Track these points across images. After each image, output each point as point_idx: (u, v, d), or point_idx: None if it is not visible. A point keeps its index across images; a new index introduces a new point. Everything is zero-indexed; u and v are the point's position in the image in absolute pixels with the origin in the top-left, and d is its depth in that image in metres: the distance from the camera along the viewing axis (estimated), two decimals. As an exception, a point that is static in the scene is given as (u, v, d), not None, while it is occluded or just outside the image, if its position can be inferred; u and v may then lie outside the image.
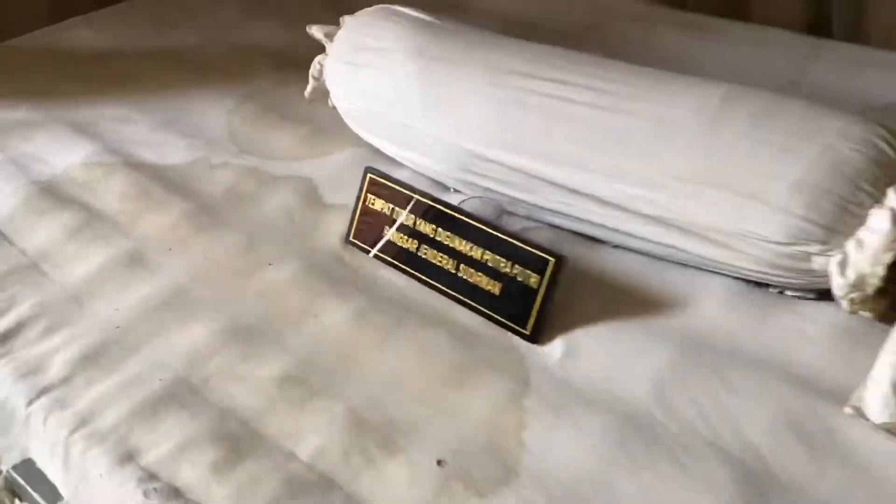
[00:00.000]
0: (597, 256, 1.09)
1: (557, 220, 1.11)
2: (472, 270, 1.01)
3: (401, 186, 1.08)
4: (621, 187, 1.00)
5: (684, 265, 1.05)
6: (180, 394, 0.94)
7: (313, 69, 1.33)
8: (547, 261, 0.95)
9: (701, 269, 1.04)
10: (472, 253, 1.01)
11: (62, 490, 0.91)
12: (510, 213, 1.15)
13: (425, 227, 1.05)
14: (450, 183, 1.20)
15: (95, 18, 1.76)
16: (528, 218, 1.14)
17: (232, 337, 1.01)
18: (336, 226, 1.17)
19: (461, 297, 1.02)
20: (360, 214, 1.12)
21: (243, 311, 1.05)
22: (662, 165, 0.99)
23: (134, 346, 1.01)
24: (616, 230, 1.05)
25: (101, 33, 1.72)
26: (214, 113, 1.46)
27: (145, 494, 0.84)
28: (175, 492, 0.84)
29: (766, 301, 1.00)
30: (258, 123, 1.42)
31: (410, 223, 1.07)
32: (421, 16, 1.25)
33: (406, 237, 1.07)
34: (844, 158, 0.92)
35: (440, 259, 1.04)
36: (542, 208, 1.09)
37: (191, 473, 0.85)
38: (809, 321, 0.97)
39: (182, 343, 1.01)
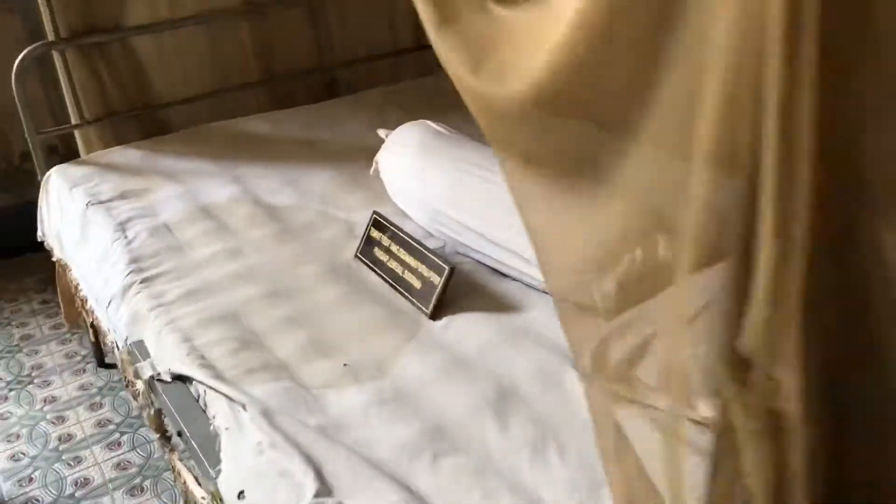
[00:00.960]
0: (490, 278, 1.66)
1: (477, 256, 1.69)
2: (410, 274, 1.62)
3: (387, 223, 1.73)
4: (507, 236, 1.58)
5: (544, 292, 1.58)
6: (228, 318, 1.62)
7: (377, 156, 2.04)
8: (444, 268, 1.54)
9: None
10: (411, 263, 1.62)
11: (154, 359, 1.61)
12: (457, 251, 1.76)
13: (393, 247, 1.68)
14: (430, 230, 1.83)
15: (272, 116, 2.61)
16: (463, 254, 1.74)
17: (269, 295, 1.68)
18: (354, 248, 1.83)
19: (400, 289, 1.63)
20: (365, 240, 1.77)
21: (282, 284, 1.73)
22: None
23: (216, 292, 1.71)
24: (502, 263, 1.62)
25: (273, 125, 2.56)
26: (319, 179, 2.20)
27: (188, 353, 1.51)
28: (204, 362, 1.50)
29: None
30: (341, 187, 2.14)
31: (386, 244, 1.70)
32: (437, 127, 1.92)
33: (383, 252, 1.70)
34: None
35: (395, 266, 1.66)
36: (467, 247, 1.69)
37: (218, 353, 1.51)
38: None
39: (241, 294, 1.70)
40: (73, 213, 2.13)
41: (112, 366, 2.41)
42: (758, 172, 0.47)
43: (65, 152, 2.71)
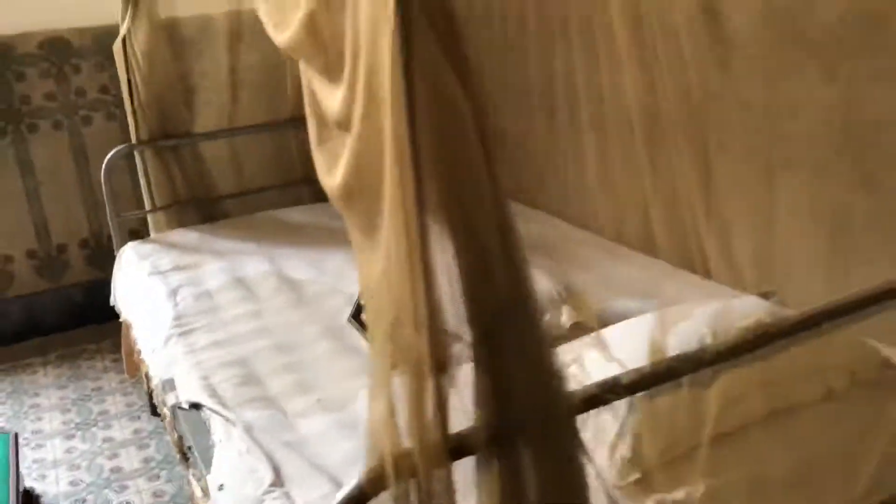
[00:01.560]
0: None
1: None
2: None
3: (373, 292, 2.13)
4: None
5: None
6: (239, 363, 2.03)
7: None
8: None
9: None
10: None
11: (178, 391, 2.02)
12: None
13: (374, 311, 2.07)
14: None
15: (309, 208, 3.09)
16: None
17: (275, 347, 2.09)
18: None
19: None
20: (356, 307, 2.17)
21: (287, 339, 2.13)
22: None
23: (235, 343, 2.13)
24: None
25: (309, 215, 3.03)
26: (336, 259, 2.63)
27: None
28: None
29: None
30: (351, 265, 2.55)
31: (370, 309, 2.09)
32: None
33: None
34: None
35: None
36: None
37: (225, 387, 1.91)
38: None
39: (254, 345, 2.11)
40: (137, 280, 2.62)
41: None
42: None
43: (143, 233, 3.26)
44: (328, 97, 1.00)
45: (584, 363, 1.43)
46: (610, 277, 2.19)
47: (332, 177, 0.98)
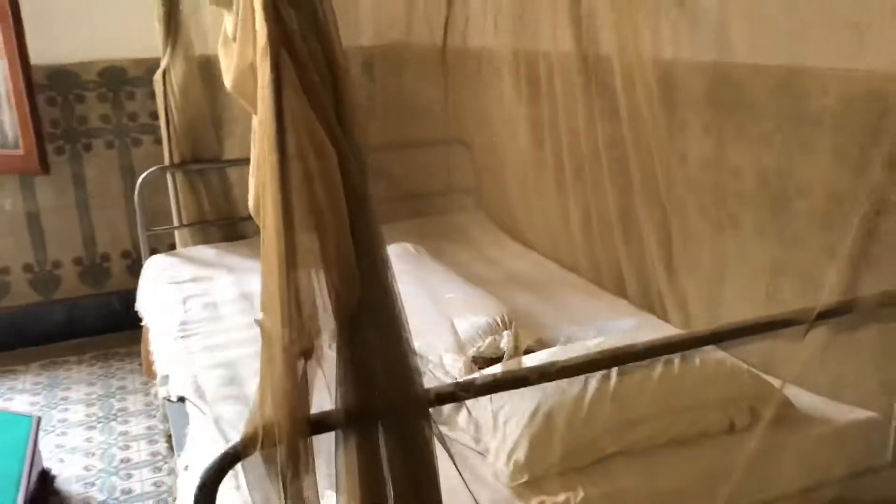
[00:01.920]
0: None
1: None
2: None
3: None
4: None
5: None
6: (227, 365, 2.26)
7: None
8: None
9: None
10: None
11: (170, 386, 2.26)
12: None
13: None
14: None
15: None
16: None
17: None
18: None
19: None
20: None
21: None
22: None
23: (226, 348, 2.36)
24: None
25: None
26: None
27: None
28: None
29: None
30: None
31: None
32: (412, 249, 2.54)
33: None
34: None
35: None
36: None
37: (209, 386, 2.14)
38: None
39: (244, 351, 2.34)
40: (157, 288, 2.90)
41: (173, 413, 3.10)
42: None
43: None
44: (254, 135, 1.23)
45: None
46: (571, 310, 2.36)
47: (252, 201, 1.21)
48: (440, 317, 2.02)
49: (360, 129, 1.09)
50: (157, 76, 3.12)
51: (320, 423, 1.09)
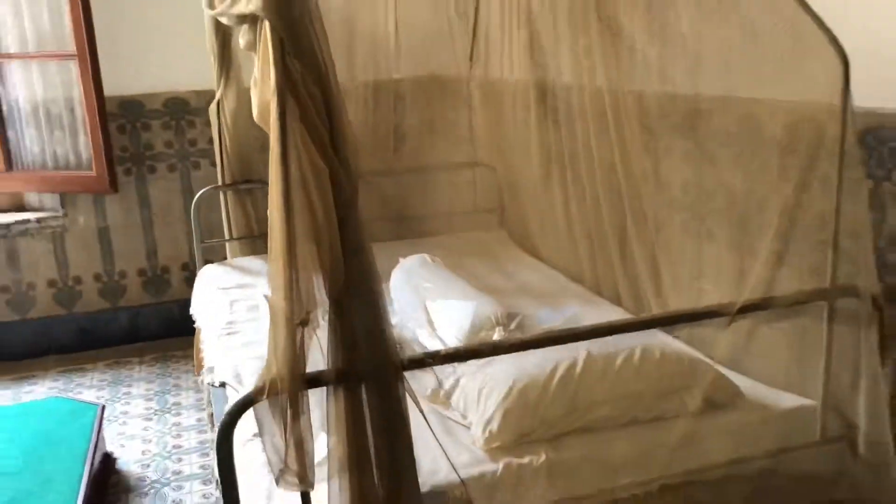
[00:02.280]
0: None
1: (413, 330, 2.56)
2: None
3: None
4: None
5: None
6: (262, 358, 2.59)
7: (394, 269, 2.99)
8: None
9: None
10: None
11: (214, 374, 2.60)
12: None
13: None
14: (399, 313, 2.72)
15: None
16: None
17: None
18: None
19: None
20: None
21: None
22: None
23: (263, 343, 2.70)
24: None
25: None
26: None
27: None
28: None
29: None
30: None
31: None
32: (428, 259, 2.85)
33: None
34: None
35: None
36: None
37: (245, 373, 2.48)
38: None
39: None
40: (208, 294, 3.27)
41: (220, 407, 3.46)
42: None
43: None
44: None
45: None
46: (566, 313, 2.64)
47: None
48: (421, 303, 2.35)
49: (353, 154, 1.41)
50: (213, 106, 3.52)
51: (315, 380, 1.40)
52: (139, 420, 3.47)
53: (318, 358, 1.43)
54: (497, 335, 2.21)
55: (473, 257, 3.37)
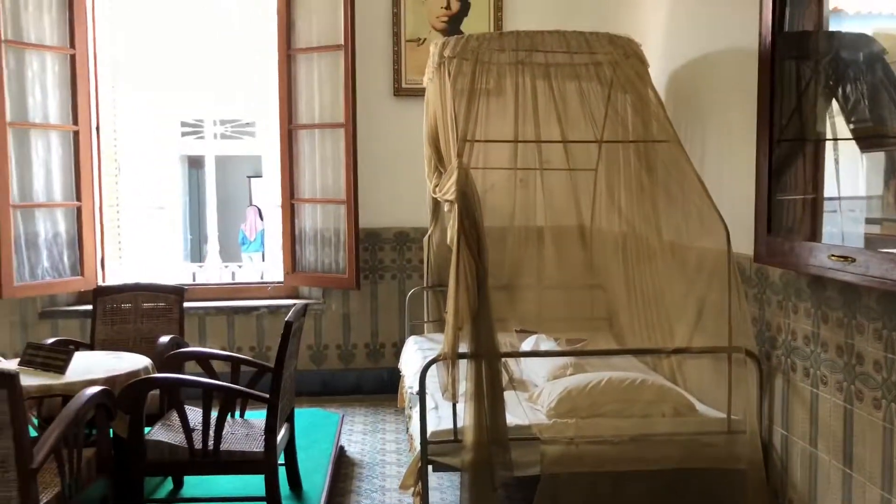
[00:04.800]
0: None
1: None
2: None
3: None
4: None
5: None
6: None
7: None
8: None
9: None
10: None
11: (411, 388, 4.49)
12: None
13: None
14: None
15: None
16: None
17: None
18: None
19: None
20: (500, 369, 4.52)
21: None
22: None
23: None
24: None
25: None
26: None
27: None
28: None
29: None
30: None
31: (503, 369, 4.44)
32: (543, 336, 4.62)
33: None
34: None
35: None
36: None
37: (432, 388, 4.34)
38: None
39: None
40: (409, 352, 5.21)
41: (410, 430, 5.32)
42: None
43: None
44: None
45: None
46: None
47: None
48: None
49: (487, 261, 3.30)
50: (426, 238, 5.60)
51: (463, 354, 3.24)
52: (360, 435, 5.40)
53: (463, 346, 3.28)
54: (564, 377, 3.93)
55: (577, 343, 5.08)
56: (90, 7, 6.07)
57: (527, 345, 4.44)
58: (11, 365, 3.68)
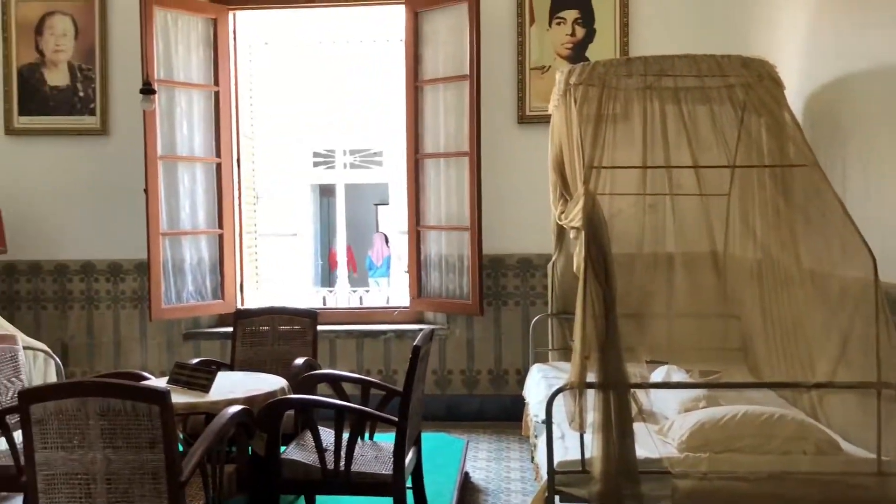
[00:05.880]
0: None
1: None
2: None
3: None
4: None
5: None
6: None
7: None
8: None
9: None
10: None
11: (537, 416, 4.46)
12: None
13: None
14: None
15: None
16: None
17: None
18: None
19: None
20: (627, 399, 4.43)
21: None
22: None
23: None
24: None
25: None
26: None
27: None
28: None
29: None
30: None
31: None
32: (674, 367, 4.49)
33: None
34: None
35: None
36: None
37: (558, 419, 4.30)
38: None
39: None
40: (533, 380, 5.18)
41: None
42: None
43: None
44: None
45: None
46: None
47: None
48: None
49: (615, 288, 3.26)
50: (550, 265, 5.59)
51: (591, 384, 3.20)
52: (484, 462, 5.41)
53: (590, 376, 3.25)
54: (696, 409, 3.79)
55: (710, 375, 4.90)
56: (232, 47, 6.46)
57: (657, 375, 4.32)
58: (161, 383, 3.93)
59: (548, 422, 3.41)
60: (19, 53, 6.39)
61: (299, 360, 4.62)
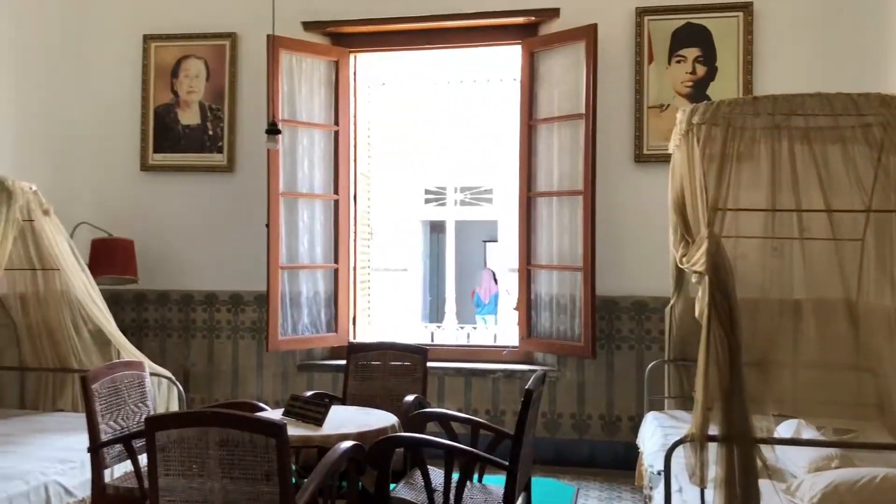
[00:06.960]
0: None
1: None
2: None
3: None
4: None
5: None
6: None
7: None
8: (763, 459, 3.89)
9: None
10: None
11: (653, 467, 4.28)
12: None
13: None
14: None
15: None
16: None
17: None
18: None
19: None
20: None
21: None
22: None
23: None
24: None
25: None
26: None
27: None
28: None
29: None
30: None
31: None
32: (804, 422, 4.22)
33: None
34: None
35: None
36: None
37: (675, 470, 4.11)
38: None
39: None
40: (648, 430, 4.99)
41: (648, 510, 5.06)
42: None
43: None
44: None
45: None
46: None
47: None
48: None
49: (740, 336, 3.10)
50: (667, 309, 5.40)
51: (713, 437, 3.04)
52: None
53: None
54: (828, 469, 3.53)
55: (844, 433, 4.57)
56: (352, 88, 6.66)
57: (785, 430, 4.07)
58: (276, 415, 4.00)
59: (666, 474, 3.26)
60: (156, 94, 6.80)
61: (409, 397, 4.63)
